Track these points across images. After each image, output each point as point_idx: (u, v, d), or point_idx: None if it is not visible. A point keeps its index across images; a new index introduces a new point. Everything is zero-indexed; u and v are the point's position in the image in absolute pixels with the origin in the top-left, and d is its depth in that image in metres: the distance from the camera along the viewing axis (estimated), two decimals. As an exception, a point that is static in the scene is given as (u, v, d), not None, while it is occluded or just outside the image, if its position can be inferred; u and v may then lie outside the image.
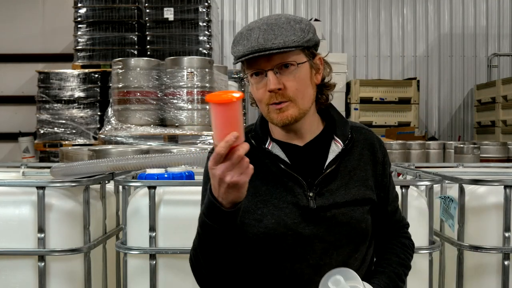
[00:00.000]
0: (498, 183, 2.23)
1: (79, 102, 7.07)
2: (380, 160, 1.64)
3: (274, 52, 1.47)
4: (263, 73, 1.51)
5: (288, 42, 1.47)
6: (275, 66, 1.49)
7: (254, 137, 1.61)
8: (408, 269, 1.67)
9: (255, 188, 1.53)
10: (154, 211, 2.13)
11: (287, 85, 1.50)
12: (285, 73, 1.50)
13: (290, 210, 1.52)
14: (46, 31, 8.99)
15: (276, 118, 1.52)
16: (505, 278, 2.24)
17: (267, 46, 1.46)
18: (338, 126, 1.61)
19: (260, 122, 1.64)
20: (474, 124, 9.28)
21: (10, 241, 2.16)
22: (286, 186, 1.53)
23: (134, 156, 2.52)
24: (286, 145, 1.59)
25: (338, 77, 8.51)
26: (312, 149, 1.59)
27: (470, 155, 5.06)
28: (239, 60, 1.51)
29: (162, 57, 6.28)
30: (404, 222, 1.76)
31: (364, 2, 9.56)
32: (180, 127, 5.32)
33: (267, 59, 1.49)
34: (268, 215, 1.51)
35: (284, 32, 1.47)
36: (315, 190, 1.53)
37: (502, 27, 9.63)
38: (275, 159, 1.56)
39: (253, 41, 1.47)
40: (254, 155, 1.50)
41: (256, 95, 1.55)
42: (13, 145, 8.85)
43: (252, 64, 1.51)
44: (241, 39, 1.50)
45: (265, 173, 1.55)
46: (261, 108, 1.56)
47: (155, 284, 2.14)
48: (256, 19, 1.57)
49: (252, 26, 1.51)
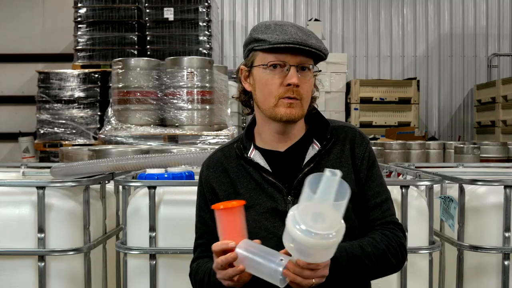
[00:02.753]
0: (498, 183, 2.23)
1: (79, 102, 7.08)
2: (359, 155, 1.65)
3: (313, 50, 1.56)
4: (283, 66, 1.56)
5: (322, 47, 1.59)
6: (299, 64, 1.57)
7: (238, 146, 1.67)
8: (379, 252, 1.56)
9: (240, 196, 1.61)
10: (154, 211, 2.13)
11: (303, 85, 1.57)
12: (303, 74, 1.58)
13: (270, 214, 1.59)
14: (46, 31, 8.99)
15: (285, 111, 1.56)
16: (505, 278, 2.24)
17: (307, 42, 1.54)
18: (318, 129, 1.66)
19: (246, 131, 1.70)
20: (474, 124, 9.29)
21: (10, 241, 2.16)
22: (267, 193, 1.60)
23: (134, 156, 2.52)
24: (268, 152, 1.65)
25: (338, 77, 8.52)
26: (292, 154, 1.64)
27: (470, 155, 5.06)
28: (278, 46, 1.54)
29: (162, 57, 6.29)
30: (390, 219, 1.65)
31: (364, 2, 9.56)
32: (180, 127, 5.32)
33: (294, 55, 1.56)
34: (251, 220, 1.56)
35: (314, 38, 1.58)
36: (293, 193, 1.58)
37: (502, 27, 9.63)
38: (257, 167, 1.62)
39: (294, 34, 1.54)
40: (239, 164, 1.64)
41: (269, 86, 1.58)
42: (13, 145, 8.85)
43: (278, 54, 1.56)
44: (275, 30, 1.56)
45: (249, 181, 1.63)
46: (267, 100, 1.59)
47: (155, 284, 2.14)
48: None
49: (281, 23, 1.59)
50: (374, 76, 9.51)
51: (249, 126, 1.71)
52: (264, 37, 1.56)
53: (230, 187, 1.64)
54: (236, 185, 1.63)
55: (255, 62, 1.60)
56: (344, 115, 8.57)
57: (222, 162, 1.68)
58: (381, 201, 1.65)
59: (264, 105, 1.60)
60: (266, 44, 1.55)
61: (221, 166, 1.67)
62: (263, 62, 1.58)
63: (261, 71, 1.58)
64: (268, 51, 1.56)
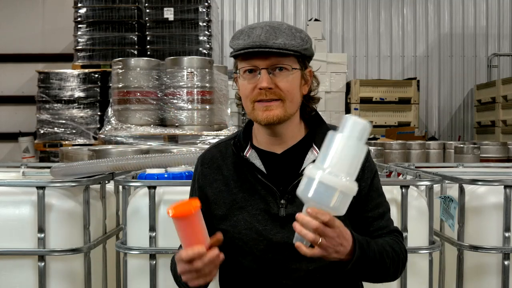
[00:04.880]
0: (498, 183, 2.23)
1: (79, 102, 7.07)
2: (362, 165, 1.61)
3: (274, 51, 1.51)
4: (256, 71, 1.54)
5: (288, 45, 1.52)
6: (270, 66, 1.53)
7: (235, 144, 1.64)
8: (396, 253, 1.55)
9: (233, 196, 1.60)
10: (154, 211, 2.13)
11: (280, 85, 1.54)
12: (279, 75, 1.54)
13: (262, 217, 1.57)
14: (46, 31, 8.99)
15: (262, 115, 1.55)
16: (505, 278, 2.24)
17: (268, 44, 1.50)
18: (318, 134, 1.62)
19: (245, 128, 1.68)
20: (474, 124, 9.28)
21: (10, 241, 2.16)
22: (260, 194, 1.58)
23: (134, 156, 2.52)
24: (264, 153, 1.62)
25: (338, 77, 8.52)
26: (289, 157, 1.61)
27: (470, 155, 5.06)
28: (238, 53, 1.54)
29: (162, 57, 6.28)
30: (394, 228, 1.66)
31: (364, 2, 9.56)
32: (180, 127, 5.32)
33: (264, 58, 1.52)
34: (242, 221, 1.57)
35: (285, 35, 1.52)
36: (287, 198, 1.56)
37: (502, 27, 9.63)
38: (252, 167, 1.60)
39: (255, 37, 1.51)
40: (234, 162, 1.61)
41: (244, 91, 1.58)
42: (13, 145, 8.85)
43: (248, 60, 1.54)
44: (242, 35, 1.54)
45: (243, 181, 1.61)
46: (245, 105, 1.59)
47: (155, 284, 2.14)
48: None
49: (254, 26, 1.55)
50: (374, 76, 9.51)
51: (247, 123, 1.69)
52: (232, 44, 1.57)
53: (222, 184, 1.63)
54: (230, 183, 1.62)
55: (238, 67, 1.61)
56: (344, 115, 8.57)
57: (217, 159, 1.67)
58: (383, 211, 1.65)
59: (246, 109, 1.60)
60: (233, 52, 1.56)
61: (216, 163, 1.66)
62: (239, 68, 1.58)
63: (240, 77, 1.59)
64: (239, 57, 1.56)
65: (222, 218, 1.61)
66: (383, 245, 1.53)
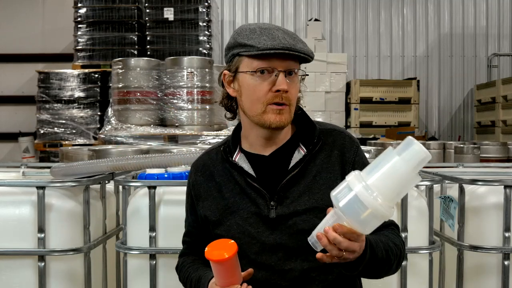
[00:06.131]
0: (498, 183, 2.23)
1: (79, 102, 7.08)
2: (350, 160, 1.61)
3: (302, 55, 1.52)
4: (272, 72, 1.53)
5: (309, 52, 1.55)
6: (287, 69, 1.53)
7: (224, 149, 1.66)
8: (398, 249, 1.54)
9: (225, 200, 1.61)
10: (154, 211, 2.13)
11: (290, 91, 1.54)
12: (290, 79, 1.55)
13: (254, 220, 1.58)
14: (46, 31, 8.99)
15: (274, 118, 1.54)
16: (505, 278, 2.24)
17: (297, 47, 1.51)
18: (304, 133, 1.62)
19: (233, 133, 1.68)
20: (474, 124, 9.28)
21: (10, 241, 2.16)
22: (250, 197, 1.59)
23: (134, 156, 2.52)
24: (252, 156, 1.62)
25: (338, 77, 8.51)
26: (277, 158, 1.61)
27: (470, 155, 5.06)
28: (266, 52, 1.50)
29: (162, 57, 6.29)
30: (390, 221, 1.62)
31: (364, 2, 9.56)
32: (180, 127, 5.32)
33: (282, 60, 1.52)
34: (235, 225, 1.58)
35: (299, 41, 1.54)
36: (276, 199, 1.56)
37: (502, 27, 9.63)
38: (241, 171, 1.60)
39: (281, 39, 1.50)
40: (224, 167, 1.63)
41: (256, 92, 1.54)
42: (13, 145, 8.85)
43: (267, 60, 1.52)
44: (261, 34, 1.52)
45: (233, 186, 1.61)
46: (255, 107, 1.56)
47: (155, 284, 2.14)
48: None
49: (267, 26, 1.54)
50: (374, 76, 9.51)
51: (235, 129, 1.70)
52: (251, 43, 1.52)
53: (216, 191, 1.64)
54: (222, 189, 1.62)
55: (240, 68, 1.57)
56: (344, 115, 8.57)
57: (208, 166, 1.68)
58: None
59: (251, 111, 1.57)
60: (254, 50, 1.51)
61: (208, 170, 1.67)
62: (250, 67, 1.54)
63: (248, 77, 1.55)
64: (256, 56, 1.53)
65: (216, 223, 1.62)
66: (387, 242, 1.52)
